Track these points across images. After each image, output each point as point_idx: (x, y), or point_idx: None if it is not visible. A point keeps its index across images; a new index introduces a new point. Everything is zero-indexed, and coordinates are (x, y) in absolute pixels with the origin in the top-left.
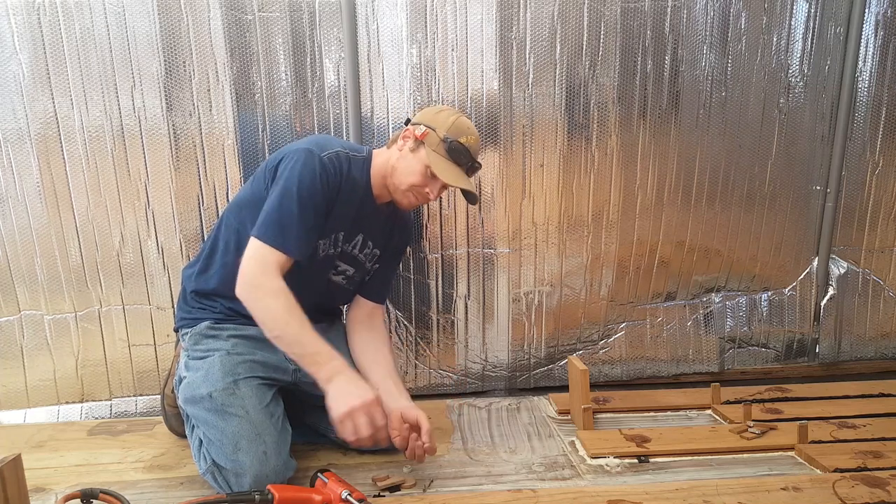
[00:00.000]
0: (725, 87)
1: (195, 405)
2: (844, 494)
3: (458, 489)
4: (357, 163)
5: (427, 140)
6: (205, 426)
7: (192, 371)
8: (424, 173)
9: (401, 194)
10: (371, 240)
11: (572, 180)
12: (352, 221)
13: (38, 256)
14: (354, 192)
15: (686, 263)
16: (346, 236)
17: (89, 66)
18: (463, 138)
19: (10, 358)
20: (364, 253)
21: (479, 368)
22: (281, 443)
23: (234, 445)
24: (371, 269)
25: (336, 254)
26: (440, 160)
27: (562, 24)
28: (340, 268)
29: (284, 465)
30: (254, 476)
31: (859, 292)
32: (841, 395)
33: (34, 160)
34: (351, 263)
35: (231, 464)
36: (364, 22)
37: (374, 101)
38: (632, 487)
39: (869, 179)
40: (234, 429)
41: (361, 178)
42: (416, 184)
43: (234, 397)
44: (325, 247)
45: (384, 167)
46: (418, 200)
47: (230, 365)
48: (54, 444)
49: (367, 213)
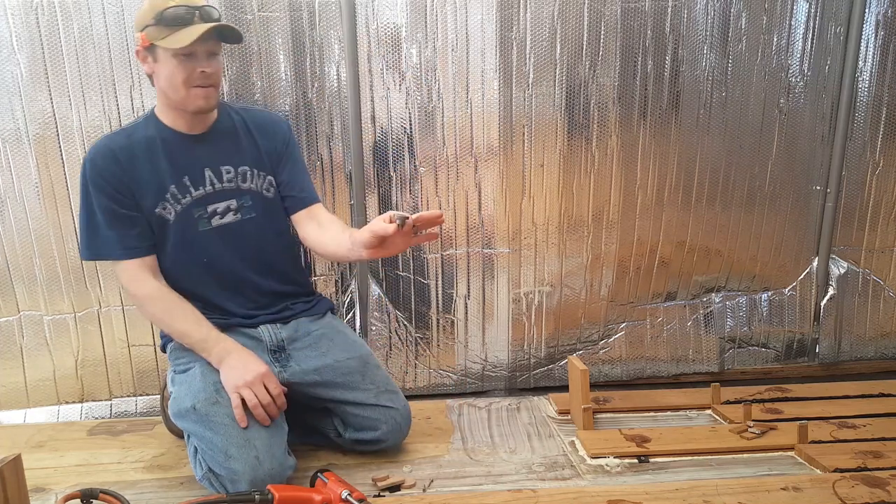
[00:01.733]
0: (726, 88)
1: (183, 419)
2: (844, 494)
3: (458, 489)
4: (139, 125)
5: (150, 39)
6: (195, 437)
7: (177, 385)
8: (178, 63)
9: (188, 98)
10: (228, 164)
11: (572, 180)
12: (178, 170)
13: (36, 257)
14: (152, 147)
15: (686, 263)
16: (191, 182)
17: (88, 66)
18: (168, 4)
19: (9, 358)
20: (228, 178)
21: (479, 368)
22: (274, 444)
23: (224, 454)
24: (262, 186)
25: (191, 202)
26: (170, 38)
27: (562, 24)
28: (219, 209)
29: (280, 465)
30: (249, 481)
31: (859, 292)
32: (841, 395)
33: (32, 161)
34: (225, 197)
35: (225, 471)
36: (364, 22)
37: (375, 101)
38: (632, 487)
39: (869, 179)
40: (221, 438)
41: (149, 129)
42: (183, 77)
43: (216, 406)
44: (170, 207)
45: (161, 100)
46: (206, 88)
47: (211, 374)
48: (54, 444)
49: (192, 152)
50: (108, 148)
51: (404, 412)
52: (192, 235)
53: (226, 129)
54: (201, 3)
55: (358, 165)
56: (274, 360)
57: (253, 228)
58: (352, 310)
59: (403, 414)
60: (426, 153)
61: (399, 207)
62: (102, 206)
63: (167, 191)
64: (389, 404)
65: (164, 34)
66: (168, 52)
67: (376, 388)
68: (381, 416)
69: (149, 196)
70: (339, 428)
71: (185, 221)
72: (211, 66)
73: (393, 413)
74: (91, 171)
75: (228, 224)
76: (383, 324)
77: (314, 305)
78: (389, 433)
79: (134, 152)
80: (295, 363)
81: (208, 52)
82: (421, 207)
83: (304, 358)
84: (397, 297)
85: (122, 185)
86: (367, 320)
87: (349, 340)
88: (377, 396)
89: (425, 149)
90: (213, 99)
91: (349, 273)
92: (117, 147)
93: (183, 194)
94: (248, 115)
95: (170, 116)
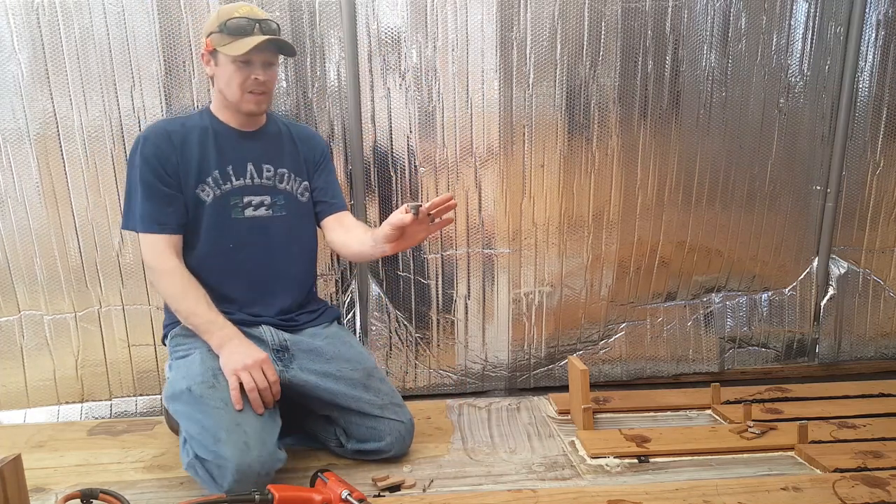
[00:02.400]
0: (726, 88)
1: (176, 401)
2: (844, 494)
3: (458, 489)
4: (194, 116)
5: (214, 45)
6: (185, 421)
7: (175, 370)
8: (236, 68)
9: (242, 101)
10: (269, 163)
11: (572, 180)
12: (224, 158)
13: (37, 257)
14: (204, 135)
15: (686, 263)
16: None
17: (89, 66)
18: (233, 15)
19: (9, 358)
20: (268, 176)
21: (480, 368)
22: (265, 433)
23: (214, 437)
24: (297, 190)
25: (230, 189)
26: (231, 46)
27: (562, 24)
28: (253, 201)
29: (270, 455)
30: (236, 466)
31: (859, 292)
32: (841, 395)
33: (33, 160)
34: (261, 192)
35: (212, 455)
36: (364, 22)
37: (375, 101)
38: (632, 487)
39: (869, 179)
40: (213, 421)
41: (203, 120)
42: (239, 82)
43: (213, 390)
44: (209, 190)
45: (218, 99)
46: (258, 93)
47: (210, 360)
48: (54, 444)
49: (240, 146)
50: (163, 129)
51: (409, 425)
52: (224, 220)
53: (272, 133)
54: (263, 17)
55: (358, 165)
56: (277, 359)
57: (281, 226)
58: (352, 310)
59: (409, 427)
60: (426, 153)
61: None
62: (145, 179)
63: (210, 174)
64: (395, 417)
65: (226, 41)
66: (228, 57)
67: (380, 400)
68: (385, 427)
69: (192, 176)
70: (342, 438)
71: (221, 206)
72: (265, 74)
73: (398, 426)
74: (143, 146)
75: (259, 217)
76: (383, 324)
77: (320, 315)
78: (394, 444)
79: (187, 136)
80: (297, 364)
81: (264, 61)
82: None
83: (307, 361)
84: (397, 297)
85: (168, 164)
86: (367, 320)
87: (354, 351)
88: (382, 409)
89: (425, 149)
90: (264, 104)
91: (349, 273)
92: (172, 129)
93: (224, 181)
94: (293, 127)
95: (224, 114)
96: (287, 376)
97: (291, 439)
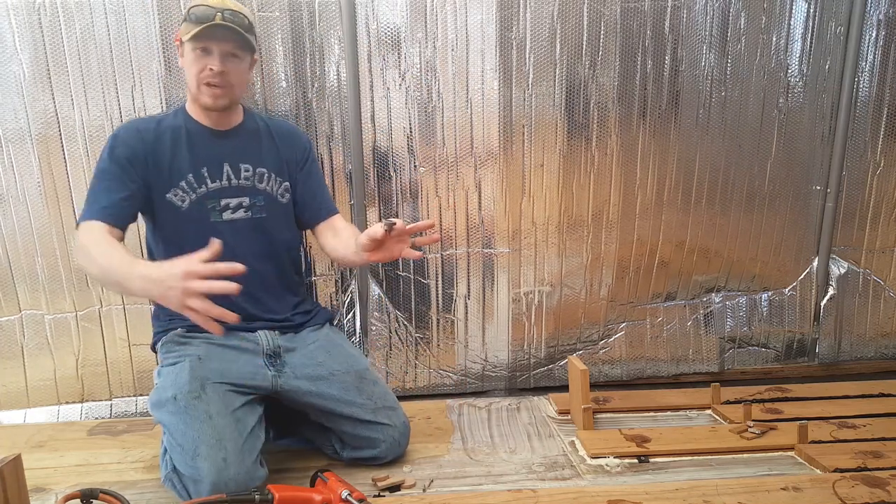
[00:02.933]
0: (725, 87)
1: (160, 409)
2: (844, 494)
3: (458, 489)
4: (168, 115)
5: (180, 34)
6: (167, 430)
7: (163, 377)
8: (194, 57)
9: (200, 94)
10: (247, 163)
11: (572, 180)
12: (197, 160)
13: (38, 256)
14: (177, 135)
15: (686, 263)
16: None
17: (90, 65)
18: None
19: (10, 358)
20: (246, 176)
21: (479, 368)
22: (245, 451)
23: (193, 451)
24: (277, 191)
25: (206, 193)
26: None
27: (562, 24)
28: (231, 203)
29: (247, 473)
30: (211, 483)
31: (859, 292)
32: (841, 395)
33: (35, 160)
34: (239, 194)
35: (189, 470)
36: (364, 22)
37: (375, 101)
38: (632, 487)
39: (869, 179)
40: (194, 433)
41: (177, 120)
42: (195, 71)
43: (198, 401)
44: (183, 195)
45: (188, 93)
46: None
47: (200, 370)
48: (54, 444)
49: (214, 145)
50: (135, 127)
51: (402, 429)
52: (203, 225)
53: (250, 131)
54: (229, 7)
55: (358, 165)
56: (269, 365)
57: (261, 228)
58: (352, 310)
59: (402, 431)
60: (426, 153)
61: (399, 207)
62: (107, 170)
63: (183, 178)
64: (386, 421)
65: (188, 29)
66: (188, 45)
67: (373, 403)
68: (378, 434)
69: (162, 178)
70: (337, 446)
71: (198, 211)
72: (222, 65)
73: (391, 431)
74: (112, 141)
75: (238, 219)
76: (383, 324)
77: (313, 317)
78: (388, 450)
79: (159, 136)
80: (290, 370)
81: (225, 52)
82: (421, 207)
83: (299, 366)
84: (397, 297)
85: (136, 159)
86: (367, 320)
87: (346, 353)
88: (374, 413)
89: (425, 149)
90: (223, 100)
91: (349, 273)
92: (144, 128)
93: (199, 184)
94: (273, 123)
95: (197, 112)
96: (279, 382)
97: (289, 440)
